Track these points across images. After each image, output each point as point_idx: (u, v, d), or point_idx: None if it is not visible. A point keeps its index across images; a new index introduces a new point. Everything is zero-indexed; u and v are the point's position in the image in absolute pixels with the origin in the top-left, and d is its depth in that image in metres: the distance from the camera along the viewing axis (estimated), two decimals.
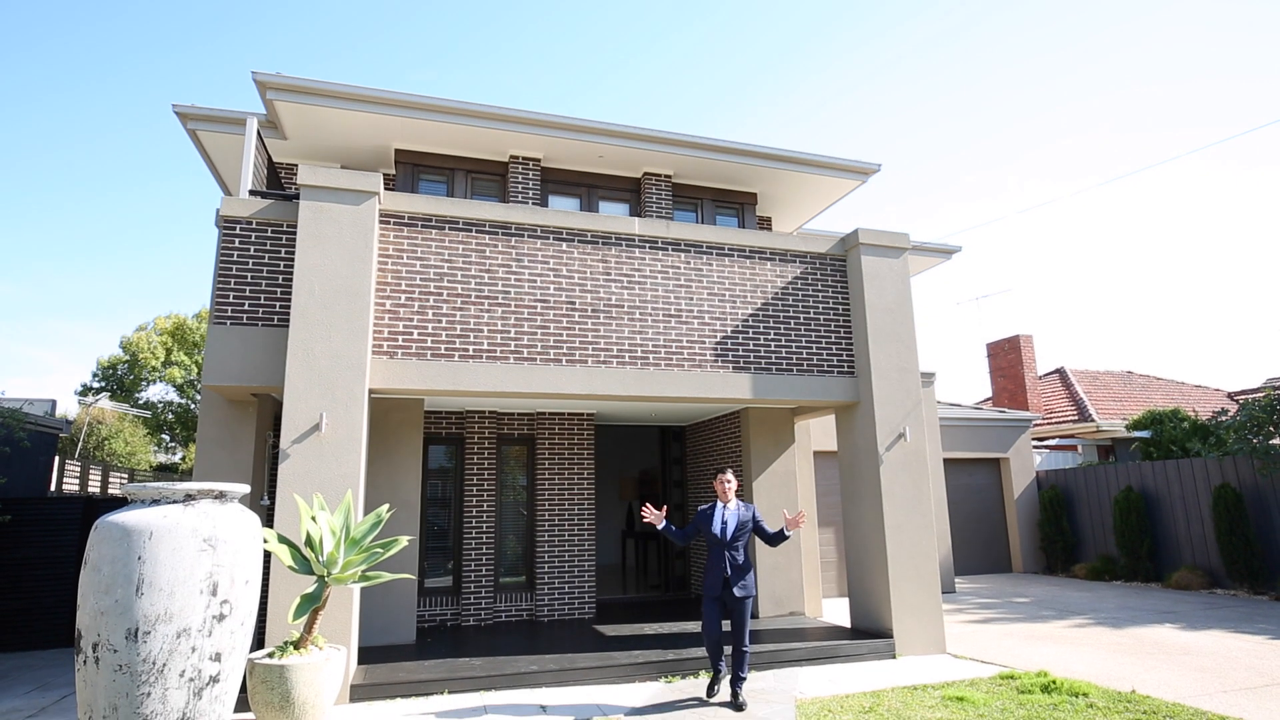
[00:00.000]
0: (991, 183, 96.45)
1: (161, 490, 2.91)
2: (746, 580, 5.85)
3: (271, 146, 9.01)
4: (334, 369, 6.24)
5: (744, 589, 5.80)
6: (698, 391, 7.44)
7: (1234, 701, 5.64)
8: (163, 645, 2.67)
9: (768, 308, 7.95)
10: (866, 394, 7.94)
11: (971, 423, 14.95)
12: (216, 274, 6.56)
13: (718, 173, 10.19)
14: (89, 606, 2.72)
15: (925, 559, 7.66)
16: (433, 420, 9.17)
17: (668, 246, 7.74)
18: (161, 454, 27.96)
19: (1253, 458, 11.32)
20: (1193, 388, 21.34)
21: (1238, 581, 11.32)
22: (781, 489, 9.48)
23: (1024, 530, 14.93)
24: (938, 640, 7.52)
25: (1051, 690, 5.88)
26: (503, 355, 6.96)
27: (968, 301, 47.21)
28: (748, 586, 5.83)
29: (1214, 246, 79.63)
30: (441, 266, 6.98)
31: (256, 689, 5.05)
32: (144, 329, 27.35)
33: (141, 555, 2.71)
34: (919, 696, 5.87)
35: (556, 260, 7.33)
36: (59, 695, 6.37)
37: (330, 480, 6.06)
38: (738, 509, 6.01)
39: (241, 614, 2.89)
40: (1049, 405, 19.04)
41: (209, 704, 2.74)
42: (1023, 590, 12.29)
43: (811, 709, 5.54)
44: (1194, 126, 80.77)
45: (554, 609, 9.14)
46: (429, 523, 8.99)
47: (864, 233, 8.16)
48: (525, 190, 9.58)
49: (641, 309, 7.49)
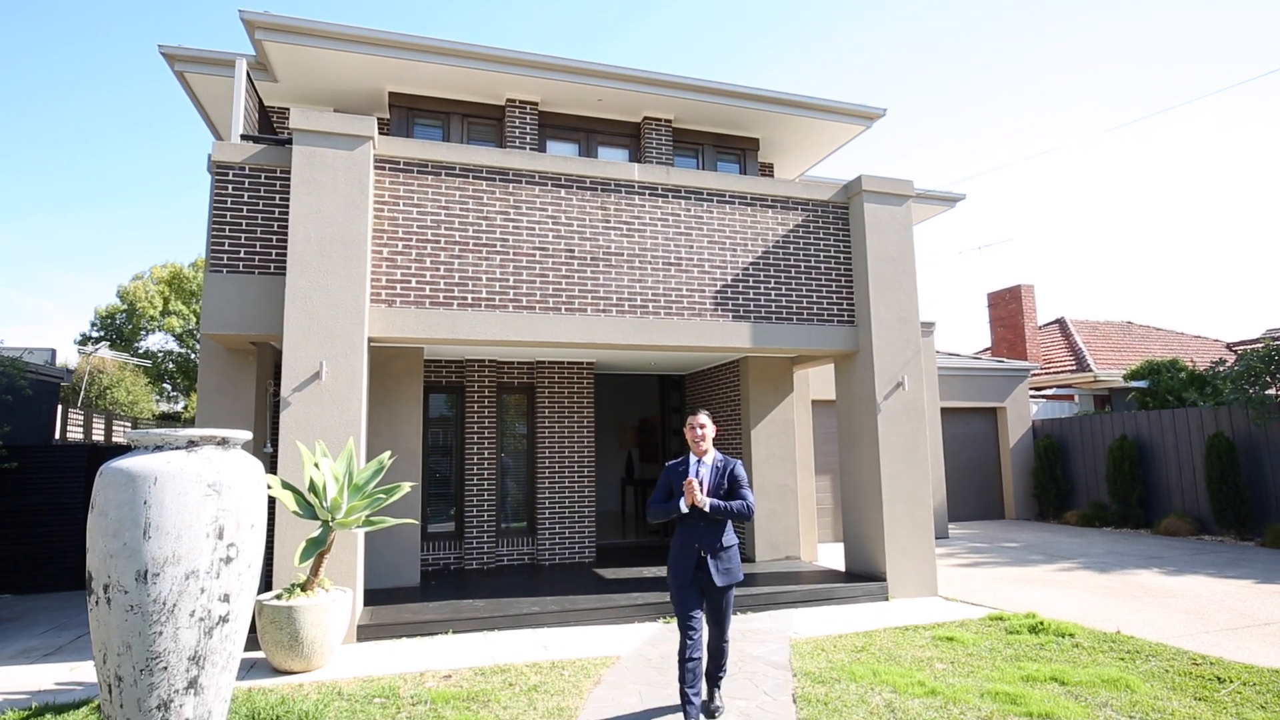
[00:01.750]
0: (999, 131, 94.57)
1: (164, 436, 2.93)
2: (729, 561, 4.29)
3: (262, 90, 8.79)
4: (332, 317, 6.22)
5: (727, 575, 4.26)
6: (697, 340, 7.44)
7: (1215, 641, 5.81)
8: (172, 586, 2.73)
9: (768, 256, 7.89)
10: (866, 343, 7.94)
11: (969, 372, 15.01)
12: (211, 221, 6.48)
13: (719, 117, 9.97)
14: (98, 550, 2.76)
15: (919, 505, 7.78)
16: (433, 369, 9.19)
17: (668, 193, 7.62)
18: (164, 403, 28.10)
19: (1247, 408, 11.40)
20: (1192, 338, 21.36)
21: (1225, 528, 11.54)
22: (780, 438, 9.57)
23: (1018, 478, 15.15)
24: (930, 583, 7.70)
25: (1039, 631, 6.04)
26: (501, 304, 6.92)
27: (970, 251, 46.86)
28: (732, 571, 4.29)
29: (1218, 196, 78.57)
30: (438, 213, 6.89)
31: (266, 629, 5.20)
32: (140, 278, 27.19)
33: (147, 500, 2.74)
34: (910, 637, 6.04)
35: (555, 207, 7.23)
36: (74, 635, 6.55)
37: (332, 428, 6.11)
38: (715, 465, 4.42)
39: (248, 557, 2.94)
40: (1048, 355, 19.08)
41: (219, 642, 2.81)
42: (1014, 536, 12.53)
43: (806, 648, 5.70)
44: (1199, 72, 78.77)
45: (555, 553, 9.33)
46: (431, 470, 9.10)
47: (867, 179, 8.04)
48: (523, 135, 9.39)
49: (641, 257, 7.42)
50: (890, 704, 4.42)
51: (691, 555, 4.23)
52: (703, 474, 4.35)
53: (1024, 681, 4.82)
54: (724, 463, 4.46)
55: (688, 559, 4.24)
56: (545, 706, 4.47)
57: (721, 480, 4.38)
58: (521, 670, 5.18)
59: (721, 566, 4.25)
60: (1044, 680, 4.83)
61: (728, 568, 4.28)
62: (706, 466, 4.41)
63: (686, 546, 4.25)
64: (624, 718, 4.34)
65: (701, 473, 4.36)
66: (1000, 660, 5.32)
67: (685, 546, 4.26)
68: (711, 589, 4.24)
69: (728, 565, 4.28)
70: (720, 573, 4.24)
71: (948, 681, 4.83)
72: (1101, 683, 4.74)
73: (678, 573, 4.26)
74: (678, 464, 4.47)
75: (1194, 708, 4.32)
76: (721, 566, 4.25)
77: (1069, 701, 4.42)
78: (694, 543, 4.25)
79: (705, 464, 4.41)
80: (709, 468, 4.40)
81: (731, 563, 4.30)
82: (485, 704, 4.51)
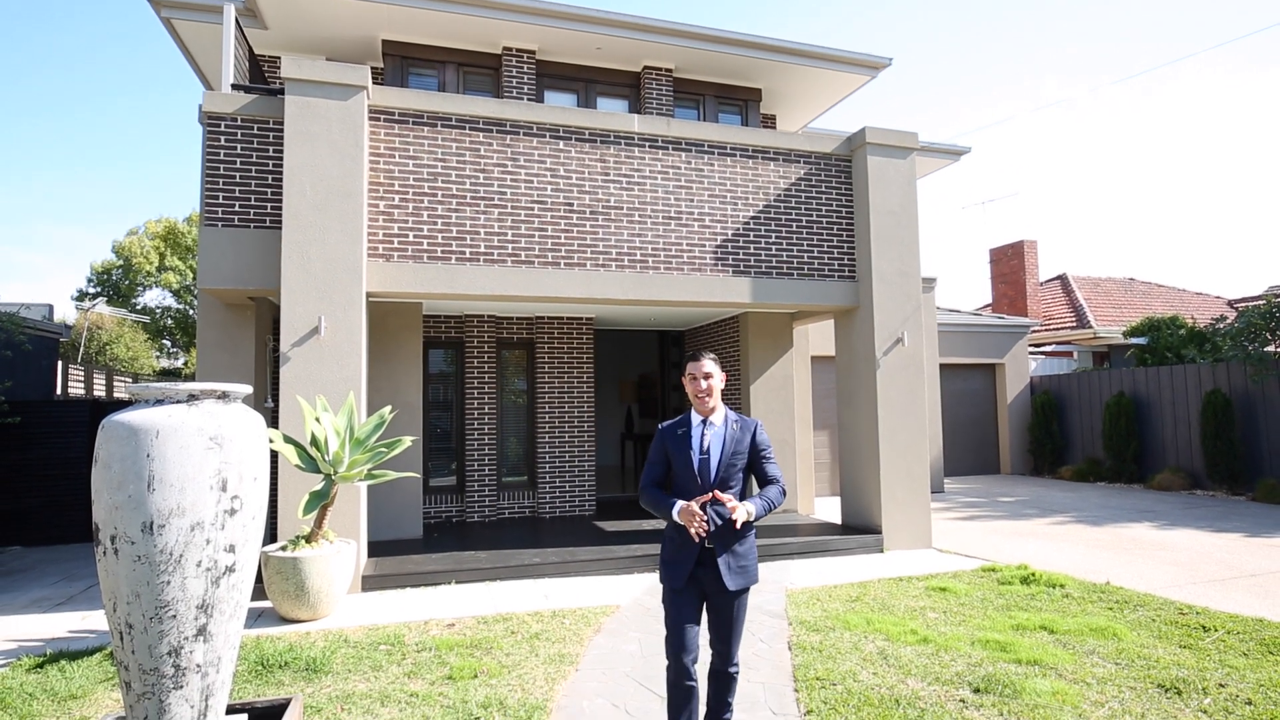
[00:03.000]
0: (1006, 84, 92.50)
1: (165, 390, 2.93)
2: (745, 554, 3.11)
3: (252, 38, 8.57)
4: (330, 272, 6.18)
5: (742, 574, 3.08)
6: (697, 295, 7.41)
7: (1201, 592, 5.94)
8: (178, 538, 2.77)
9: (769, 210, 7.80)
10: (866, 299, 7.90)
11: (969, 328, 15.01)
12: (204, 174, 6.38)
13: (721, 66, 9.75)
14: (103, 502, 2.79)
15: (916, 460, 7.86)
16: (432, 324, 9.18)
17: (668, 145, 7.50)
18: (164, 359, 28.15)
19: (1246, 364, 11.42)
20: (1194, 295, 21.29)
21: (1217, 483, 11.69)
22: (779, 393, 9.62)
23: (1014, 434, 15.27)
24: (924, 536, 7.83)
25: (1030, 582, 6.17)
26: (500, 258, 6.87)
27: (973, 206, 46.37)
28: (748, 569, 3.10)
29: (1225, 151, 77.32)
30: (435, 166, 6.78)
31: (272, 579, 5.30)
32: (135, 233, 26.94)
33: (150, 453, 2.76)
34: (904, 587, 6.17)
35: (553, 160, 7.12)
36: (84, 585, 6.68)
37: (332, 383, 6.12)
38: (727, 427, 3.19)
39: (252, 509, 2.98)
40: (1049, 312, 19.04)
41: (227, 591, 2.87)
42: (1009, 490, 12.70)
43: (802, 598, 5.83)
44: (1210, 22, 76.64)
45: (555, 506, 9.46)
46: (432, 425, 9.17)
47: (871, 131, 7.89)
48: (520, 85, 9.19)
49: (641, 210, 7.34)
50: (883, 651, 4.53)
51: (692, 548, 3.03)
52: (709, 442, 3.13)
53: (1014, 630, 4.93)
54: (740, 425, 3.20)
55: (686, 553, 3.05)
56: (547, 653, 4.59)
57: (738, 451, 3.14)
58: (523, 619, 5.30)
59: (735, 563, 3.05)
60: (1033, 629, 4.95)
61: (743, 565, 3.07)
62: (715, 430, 3.15)
63: (686, 538, 3.03)
64: (625, 664, 4.46)
65: (708, 440, 3.13)
66: (991, 610, 5.44)
67: (684, 535, 3.03)
68: (719, 594, 3.05)
69: (743, 562, 3.07)
70: (734, 572, 3.04)
71: (939, 630, 4.95)
72: (1089, 631, 4.85)
73: (672, 572, 3.09)
74: (674, 426, 3.24)
75: (1178, 655, 4.43)
76: (735, 563, 3.05)
77: (1057, 649, 4.53)
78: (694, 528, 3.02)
79: (713, 427, 3.16)
80: (719, 432, 3.15)
81: (748, 558, 3.09)
82: (488, 651, 4.63)
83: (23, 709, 3.82)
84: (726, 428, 3.18)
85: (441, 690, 4.01)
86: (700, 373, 3.18)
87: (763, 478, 3.20)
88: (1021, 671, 4.15)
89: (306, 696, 3.93)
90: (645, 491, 3.20)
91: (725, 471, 3.11)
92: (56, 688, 4.07)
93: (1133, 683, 4.02)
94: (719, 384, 3.21)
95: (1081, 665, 4.28)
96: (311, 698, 3.92)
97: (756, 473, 3.21)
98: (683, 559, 3.08)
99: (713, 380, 3.18)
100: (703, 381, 3.17)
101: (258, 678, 4.19)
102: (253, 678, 4.19)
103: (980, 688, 3.92)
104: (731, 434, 3.17)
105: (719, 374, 3.23)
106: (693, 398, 3.21)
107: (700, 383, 3.17)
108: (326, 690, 4.03)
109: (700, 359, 3.21)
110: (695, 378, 3.19)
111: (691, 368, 3.21)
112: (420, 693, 3.97)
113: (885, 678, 4.10)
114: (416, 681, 4.15)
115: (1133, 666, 4.25)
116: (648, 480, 3.22)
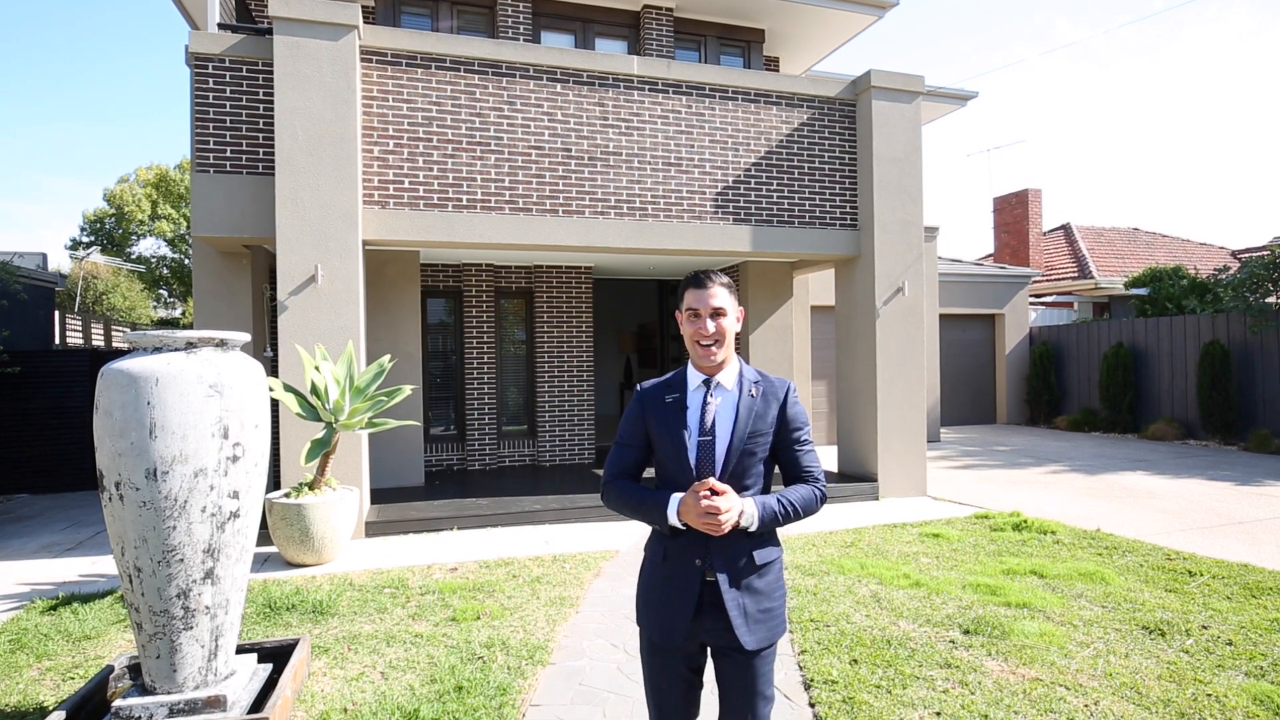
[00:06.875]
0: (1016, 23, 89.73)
1: (163, 338, 2.93)
2: (769, 593, 1.99)
3: None
4: (325, 219, 6.10)
5: (765, 622, 1.97)
6: (697, 244, 7.33)
7: (1189, 539, 6.06)
8: (182, 484, 2.80)
9: (771, 156, 7.65)
10: (868, 247, 7.83)
11: (970, 278, 14.93)
12: (194, 119, 6.24)
13: (723, 5, 9.44)
14: (106, 449, 2.82)
15: (913, 410, 7.91)
16: (430, 273, 9.11)
17: (669, 89, 7.31)
18: (161, 309, 28.04)
19: (1245, 315, 11.40)
20: (1197, 245, 21.11)
21: (1210, 433, 11.80)
22: (778, 343, 9.62)
23: (1012, 384, 15.35)
24: (920, 484, 7.94)
25: (1022, 528, 6.28)
26: (497, 205, 6.77)
27: (979, 154, 45.57)
28: (774, 613, 1.99)
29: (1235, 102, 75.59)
30: (430, 110, 6.63)
31: (277, 525, 5.39)
32: (126, 180, 26.51)
33: (150, 400, 2.77)
34: (898, 533, 6.28)
35: (551, 104, 6.95)
36: (93, 531, 6.79)
37: (330, 332, 6.11)
38: (743, 391, 2.04)
39: (254, 456, 3.01)
40: (1051, 262, 18.91)
41: (232, 536, 2.92)
42: (1004, 440, 12.83)
43: (797, 544, 5.94)
44: None
45: (555, 455, 9.56)
46: (431, 374, 9.19)
47: (876, 74, 7.69)
48: (515, 25, 8.91)
49: (640, 156, 7.20)
50: (876, 594, 4.64)
51: (691, 580, 1.96)
52: (714, 414, 2.01)
53: (1004, 575, 5.05)
54: (763, 388, 2.05)
55: (680, 587, 1.97)
56: (548, 596, 4.70)
57: (758, 431, 2.00)
58: (524, 563, 5.41)
59: (755, 605, 1.96)
60: (1024, 574, 5.06)
61: (766, 609, 1.97)
62: (725, 396, 2.04)
63: (680, 562, 1.98)
64: (624, 606, 4.57)
65: (712, 411, 2.02)
66: (983, 555, 5.55)
67: (678, 562, 1.98)
68: (732, 653, 1.97)
69: (766, 604, 1.97)
70: (752, 620, 1.94)
71: (932, 574, 5.06)
72: (1078, 576, 4.96)
73: (660, 619, 2.00)
74: (660, 388, 2.11)
75: (1164, 598, 4.54)
76: (755, 605, 1.96)
77: (1046, 593, 4.64)
78: (695, 555, 1.96)
79: (722, 391, 2.04)
80: (730, 399, 2.03)
81: (773, 597, 1.99)
82: (490, 594, 4.74)
83: (39, 649, 3.93)
84: (741, 393, 2.02)
85: (445, 631, 4.12)
86: (707, 306, 2.00)
87: (792, 471, 2.04)
88: (1010, 614, 4.26)
89: (314, 637, 4.04)
90: (613, 485, 2.06)
91: (738, 461, 1.97)
92: (70, 629, 4.17)
93: (1118, 624, 4.12)
94: (732, 325, 2.04)
95: (1069, 608, 4.38)
96: (319, 638, 4.03)
97: (784, 463, 2.06)
98: (673, 597, 1.96)
99: (724, 320, 2.02)
100: (709, 322, 2.00)
101: (266, 619, 4.30)
102: (261, 619, 4.30)
103: (970, 629, 4.03)
104: (748, 403, 2.01)
105: (734, 308, 2.05)
106: (691, 344, 2.03)
107: (705, 322, 2.00)
108: (333, 631, 4.14)
109: (708, 284, 2.02)
110: (698, 313, 2.01)
111: (693, 297, 2.02)
112: (425, 633, 4.08)
113: (878, 620, 4.21)
114: (421, 623, 4.26)
115: (1119, 609, 4.36)
116: (616, 469, 2.09)
